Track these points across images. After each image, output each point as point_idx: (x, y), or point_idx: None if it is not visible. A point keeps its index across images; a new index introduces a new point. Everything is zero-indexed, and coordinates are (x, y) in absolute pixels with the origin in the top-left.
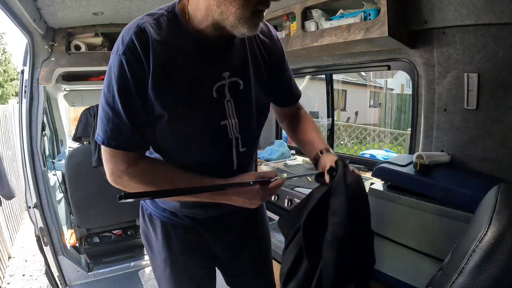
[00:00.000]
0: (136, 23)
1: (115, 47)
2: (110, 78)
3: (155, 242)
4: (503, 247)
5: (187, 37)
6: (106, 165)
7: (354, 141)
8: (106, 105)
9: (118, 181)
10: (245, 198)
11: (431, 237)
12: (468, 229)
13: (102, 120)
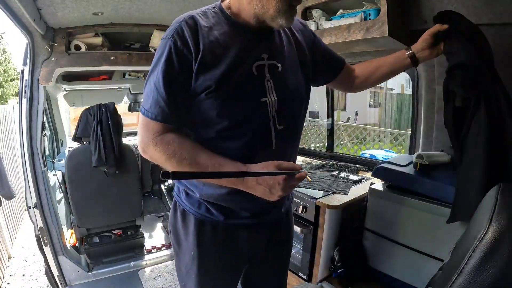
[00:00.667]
0: (186, 14)
1: (165, 33)
2: (158, 58)
3: (185, 239)
4: (503, 247)
5: (231, 25)
6: (140, 134)
7: (354, 141)
8: (151, 81)
9: (146, 150)
10: (266, 187)
11: (431, 237)
12: (468, 229)
13: (147, 94)
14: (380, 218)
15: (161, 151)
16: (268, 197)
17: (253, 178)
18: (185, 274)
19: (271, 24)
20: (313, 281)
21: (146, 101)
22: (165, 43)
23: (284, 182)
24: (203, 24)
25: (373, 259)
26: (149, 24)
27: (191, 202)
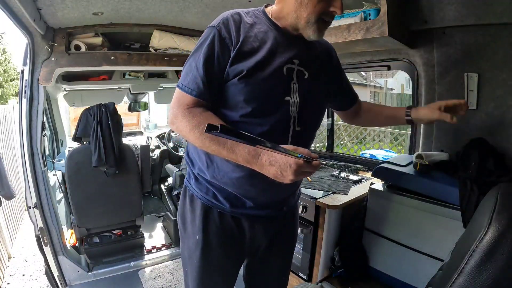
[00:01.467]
0: (232, 10)
1: (212, 23)
2: (201, 42)
3: (191, 223)
4: (503, 247)
5: (271, 26)
6: (172, 106)
7: (354, 141)
8: (192, 61)
9: (174, 120)
10: (277, 169)
11: (431, 237)
12: (468, 229)
13: (186, 72)
14: (380, 218)
15: (187, 121)
16: (280, 179)
17: (266, 158)
18: (188, 258)
19: (303, 33)
20: (313, 281)
21: (184, 78)
22: (210, 30)
23: (296, 166)
24: (246, 20)
25: (373, 259)
26: (149, 24)
27: (200, 188)
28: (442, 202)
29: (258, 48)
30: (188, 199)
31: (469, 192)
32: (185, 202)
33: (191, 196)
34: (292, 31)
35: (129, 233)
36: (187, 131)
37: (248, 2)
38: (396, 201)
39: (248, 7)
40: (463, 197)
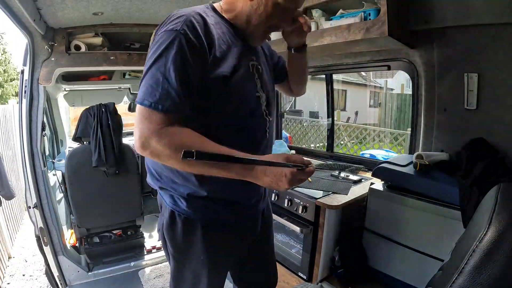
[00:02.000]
0: (187, 10)
1: (167, 26)
2: (164, 49)
3: (191, 247)
4: (503, 247)
5: (227, 25)
6: (139, 126)
7: (354, 141)
8: (157, 72)
9: (147, 144)
10: (272, 179)
11: (431, 237)
12: (468, 229)
13: (151, 85)
14: (380, 218)
15: (166, 143)
16: (274, 187)
17: (261, 169)
18: (192, 279)
19: (248, 37)
20: (313, 281)
21: (150, 93)
22: (171, 35)
23: (290, 175)
24: (209, 21)
25: (373, 259)
26: (149, 24)
27: (195, 207)
28: (442, 202)
29: (228, 50)
30: (180, 223)
31: (469, 192)
32: (176, 227)
33: (184, 220)
34: (242, 30)
35: (129, 233)
36: (166, 155)
37: None
38: (396, 201)
39: None
40: (463, 197)
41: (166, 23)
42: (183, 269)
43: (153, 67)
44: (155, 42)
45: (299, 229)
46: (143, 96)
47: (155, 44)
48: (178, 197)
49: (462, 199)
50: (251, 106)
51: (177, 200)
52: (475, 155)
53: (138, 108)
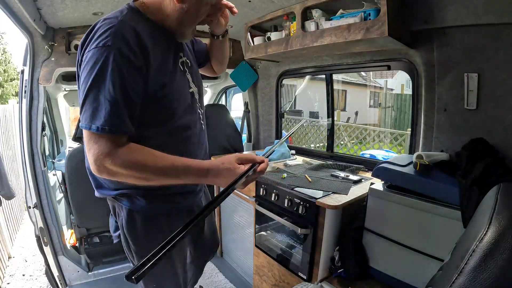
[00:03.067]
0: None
1: (97, 41)
2: (99, 68)
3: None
4: (503, 247)
5: (153, 26)
6: (91, 152)
7: (354, 141)
8: (98, 95)
9: (101, 168)
10: (226, 181)
11: (431, 237)
12: (468, 229)
13: (94, 109)
14: (380, 218)
15: (121, 164)
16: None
17: (215, 174)
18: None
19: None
20: (313, 281)
21: (95, 117)
22: (104, 52)
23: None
24: (138, 29)
25: (373, 259)
26: None
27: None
28: (442, 202)
29: (162, 55)
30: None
31: (469, 192)
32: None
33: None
34: (171, 30)
35: None
36: (123, 174)
37: (248, 2)
38: (396, 201)
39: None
40: (463, 197)
41: (94, 37)
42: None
43: (93, 90)
44: (87, 60)
45: (299, 229)
46: (89, 120)
47: (88, 63)
48: (136, 197)
49: (462, 199)
50: (187, 103)
51: (135, 200)
52: (475, 155)
53: (85, 133)
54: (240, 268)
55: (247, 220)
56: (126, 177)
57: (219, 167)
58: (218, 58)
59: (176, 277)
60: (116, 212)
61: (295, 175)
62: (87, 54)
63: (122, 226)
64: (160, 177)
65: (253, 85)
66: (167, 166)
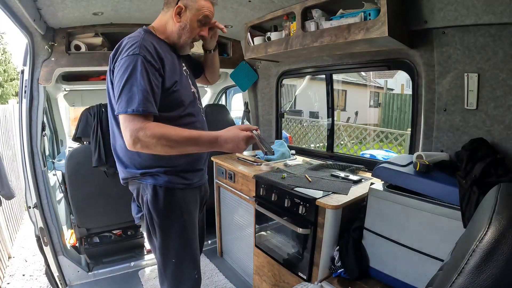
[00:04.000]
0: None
1: (127, 51)
2: (132, 70)
3: (174, 210)
4: (503, 247)
5: (165, 45)
6: (127, 129)
7: (354, 141)
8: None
9: (135, 139)
10: (233, 145)
11: (431, 237)
12: (468, 229)
13: (130, 97)
14: (380, 218)
15: (151, 134)
16: (236, 151)
17: (223, 140)
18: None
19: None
20: (313, 281)
21: (131, 103)
22: (135, 58)
23: (245, 139)
24: (155, 45)
25: (373, 259)
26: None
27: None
28: (442, 202)
29: (172, 63)
30: (162, 193)
31: (469, 192)
32: (160, 197)
33: (165, 190)
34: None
35: (129, 233)
36: (153, 143)
37: (248, 2)
38: (396, 201)
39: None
40: (463, 197)
41: (124, 49)
42: (169, 235)
43: (127, 84)
44: (121, 65)
45: (299, 229)
46: (125, 106)
47: (122, 67)
48: (158, 175)
49: (462, 199)
50: (191, 98)
51: (157, 177)
52: (475, 155)
53: (122, 117)
54: (240, 268)
55: (247, 220)
56: (155, 146)
57: (226, 134)
58: (210, 69)
59: (193, 251)
60: (140, 194)
61: (295, 175)
62: (120, 61)
63: (146, 203)
64: (181, 144)
65: (253, 85)
66: (186, 136)
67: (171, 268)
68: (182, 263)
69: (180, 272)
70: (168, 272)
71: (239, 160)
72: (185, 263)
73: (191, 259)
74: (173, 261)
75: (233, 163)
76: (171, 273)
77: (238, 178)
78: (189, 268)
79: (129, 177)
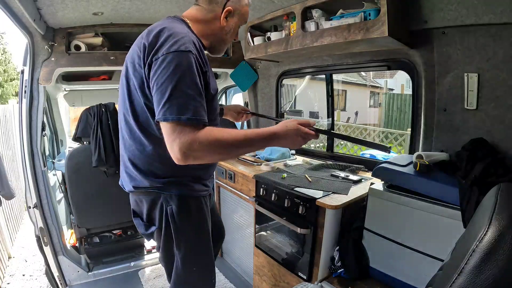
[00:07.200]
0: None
1: (182, 46)
2: (186, 68)
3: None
4: (503, 247)
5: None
6: (177, 140)
7: None
8: (185, 89)
9: (187, 152)
10: (291, 141)
11: (431, 237)
12: (468, 229)
13: (182, 104)
14: (380, 218)
15: (205, 142)
16: (293, 146)
17: (281, 136)
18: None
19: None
20: (313, 281)
21: (183, 109)
22: (187, 56)
23: (304, 135)
24: (200, 45)
25: (373, 259)
26: (149, 24)
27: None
28: (442, 202)
29: (209, 67)
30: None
31: (469, 192)
32: (190, 207)
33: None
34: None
35: (129, 233)
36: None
37: None
38: (396, 201)
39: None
40: (463, 197)
41: (167, 42)
42: (195, 245)
43: (179, 86)
44: (168, 61)
45: (299, 229)
46: (178, 112)
47: (170, 63)
48: (184, 184)
49: (462, 199)
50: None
51: (183, 186)
52: (475, 155)
53: (170, 125)
54: (240, 268)
55: (247, 220)
56: (211, 155)
57: (285, 130)
58: None
59: (211, 257)
60: (156, 206)
61: (295, 175)
62: (165, 56)
63: (172, 215)
64: (239, 148)
65: (253, 85)
66: (242, 137)
67: (192, 276)
68: (203, 270)
69: (200, 279)
70: (188, 281)
71: (239, 160)
72: (206, 269)
73: (210, 265)
74: (194, 270)
75: (233, 163)
76: (191, 281)
77: (238, 178)
78: (208, 274)
79: (147, 187)
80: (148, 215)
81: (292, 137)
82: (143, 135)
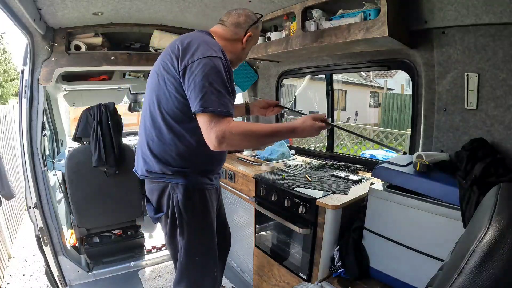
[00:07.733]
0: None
1: (213, 52)
2: (218, 70)
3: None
4: (503, 247)
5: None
6: (214, 129)
7: (354, 141)
8: (219, 87)
9: (222, 139)
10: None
11: (431, 237)
12: (468, 229)
13: (216, 100)
14: (380, 218)
15: (237, 132)
16: (311, 135)
17: (301, 129)
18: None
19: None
20: (313, 281)
21: (218, 105)
22: (218, 61)
23: (318, 128)
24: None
25: (373, 259)
26: (149, 24)
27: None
28: (442, 202)
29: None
30: (197, 194)
31: (469, 192)
32: (194, 197)
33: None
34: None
35: (129, 233)
36: (241, 137)
37: (248, 2)
38: (396, 201)
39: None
40: (463, 197)
41: (199, 50)
42: (197, 233)
43: (215, 84)
44: (202, 65)
45: (299, 229)
46: (213, 106)
47: (205, 66)
48: (190, 175)
49: (462, 199)
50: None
51: (188, 177)
52: (475, 155)
53: (207, 115)
54: (240, 268)
55: (247, 220)
56: (241, 141)
57: (303, 125)
58: None
59: (215, 250)
60: (164, 194)
61: (295, 175)
62: (199, 61)
63: (177, 203)
64: (265, 137)
65: (253, 85)
66: (267, 129)
67: (194, 266)
68: (206, 261)
69: (202, 270)
70: (190, 269)
71: (239, 160)
72: (208, 261)
73: (213, 258)
74: (196, 259)
75: (233, 163)
76: (194, 271)
77: (238, 178)
78: (211, 266)
79: (159, 173)
80: (158, 202)
81: (309, 130)
82: (164, 124)
